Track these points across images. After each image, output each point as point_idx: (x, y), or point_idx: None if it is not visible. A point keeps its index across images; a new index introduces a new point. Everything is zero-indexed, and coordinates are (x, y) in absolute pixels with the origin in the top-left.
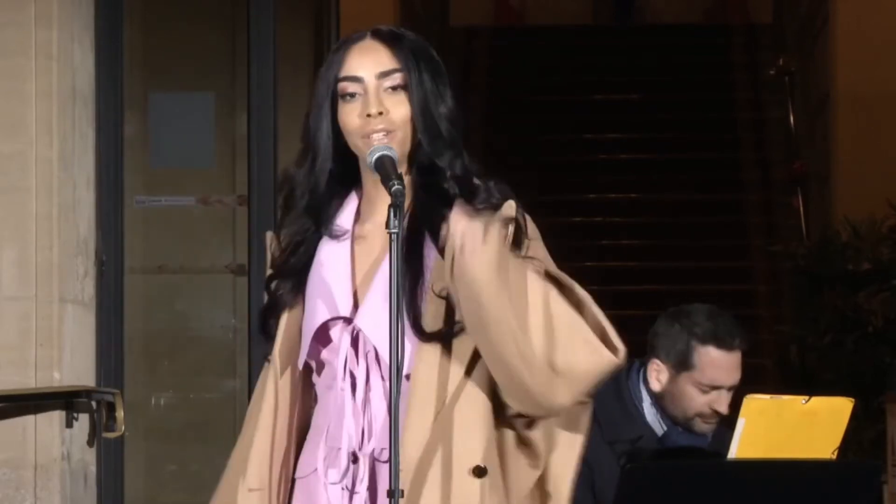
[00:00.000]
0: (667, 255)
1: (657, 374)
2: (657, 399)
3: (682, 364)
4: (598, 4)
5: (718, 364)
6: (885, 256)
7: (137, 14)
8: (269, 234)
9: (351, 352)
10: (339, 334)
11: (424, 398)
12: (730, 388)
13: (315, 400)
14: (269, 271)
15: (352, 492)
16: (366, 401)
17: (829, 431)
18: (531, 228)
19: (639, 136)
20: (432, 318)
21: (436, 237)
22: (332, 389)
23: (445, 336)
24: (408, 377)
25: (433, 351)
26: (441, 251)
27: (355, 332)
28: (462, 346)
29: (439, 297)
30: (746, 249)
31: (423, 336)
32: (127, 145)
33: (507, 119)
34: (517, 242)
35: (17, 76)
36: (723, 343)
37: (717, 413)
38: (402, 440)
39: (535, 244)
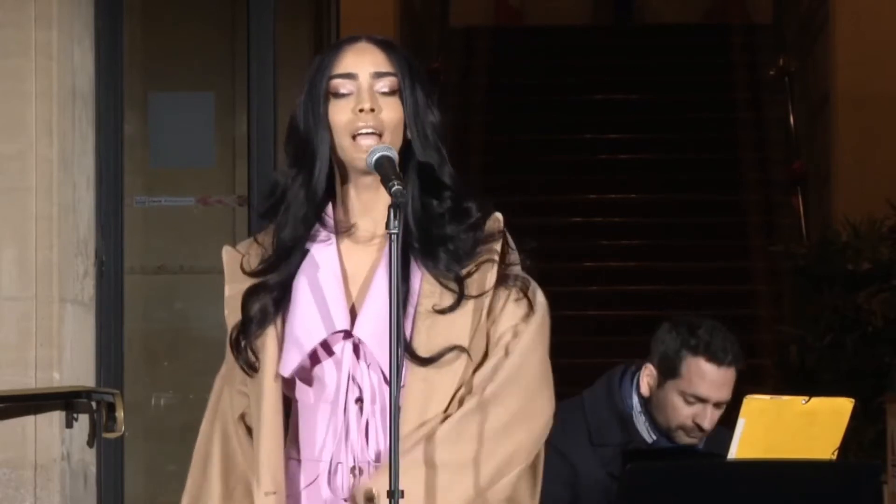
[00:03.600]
0: (667, 255)
1: (648, 379)
2: (646, 404)
3: (670, 371)
4: (598, 4)
5: (706, 377)
6: (885, 256)
7: (137, 14)
8: (228, 249)
9: (355, 364)
10: (340, 348)
11: (417, 411)
12: (716, 405)
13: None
14: (236, 284)
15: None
16: (371, 413)
17: (829, 432)
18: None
19: (639, 136)
20: (426, 336)
21: (426, 258)
22: (325, 403)
23: (437, 359)
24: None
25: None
26: (433, 276)
27: (355, 344)
28: (454, 360)
29: (435, 311)
30: (746, 249)
31: (418, 361)
32: (127, 145)
33: (507, 119)
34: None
35: (17, 76)
36: (714, 357)
37: (699, 428)
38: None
39: (513, 256)
